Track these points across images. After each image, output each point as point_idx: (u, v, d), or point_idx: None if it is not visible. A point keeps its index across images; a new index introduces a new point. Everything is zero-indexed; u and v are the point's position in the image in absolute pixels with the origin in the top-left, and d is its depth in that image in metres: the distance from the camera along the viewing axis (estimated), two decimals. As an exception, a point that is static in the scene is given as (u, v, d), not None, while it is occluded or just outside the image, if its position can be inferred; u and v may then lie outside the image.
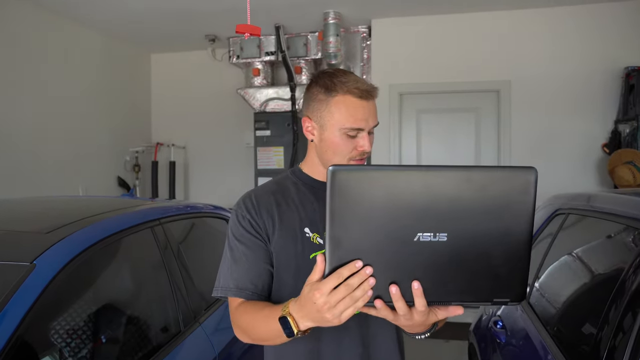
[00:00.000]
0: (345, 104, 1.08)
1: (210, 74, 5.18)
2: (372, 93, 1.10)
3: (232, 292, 1.10)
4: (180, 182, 5.35)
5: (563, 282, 1.80)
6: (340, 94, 1.09)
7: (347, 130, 1.08)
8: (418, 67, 4.31)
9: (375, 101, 1.12)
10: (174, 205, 2.15)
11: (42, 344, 1.19)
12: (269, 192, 1.16)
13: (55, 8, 3.93)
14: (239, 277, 1.10)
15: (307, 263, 1.09)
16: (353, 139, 1.09)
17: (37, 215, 1.71)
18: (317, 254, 1.07)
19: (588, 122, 4.04)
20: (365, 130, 1.09)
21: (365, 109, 1.09)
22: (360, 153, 1.10)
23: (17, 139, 3.70)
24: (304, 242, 1.10)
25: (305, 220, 1.12)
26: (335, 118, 1.09)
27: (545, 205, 2.24)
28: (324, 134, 1.12)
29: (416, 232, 0.77)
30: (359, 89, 1.08)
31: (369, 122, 1.10)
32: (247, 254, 1.10)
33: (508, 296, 0.82)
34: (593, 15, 4.01)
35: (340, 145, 1.10)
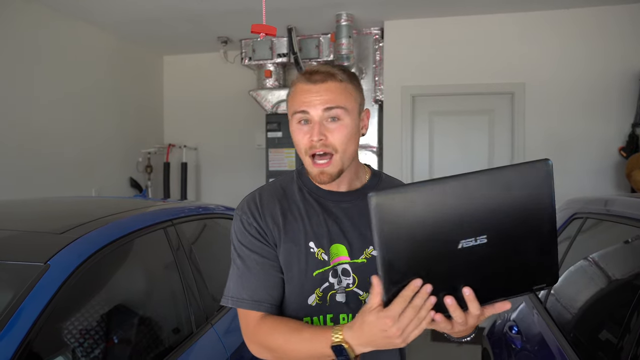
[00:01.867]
0: (294, 91, 1.04)
1: (222, 76, 5.20)
2: (323, 73, 1.01)
3: (248, 305, 1.03)
4: (192, 183, 5.37)
5: (581, 287, 1.77)
6: (294, 83, 1.05)
7: (297, 118, 1.02)
8: (430, 69, 4.28)
9: (331, 84, 1.00)
10: (186, 206, 2.15)
11: (55, 344, 1.19)
12: (274, 197, 1.09)
13: (69, 11, 3.97)
14: (253, 288, 1.03)
15: (310, 281, 1.04)
16: (307, 127, 1.02)
17: (51, 216, 1.72)
18: (320, 271, 1.04)
19: (604, 125, 3.98)
20: (313, 115, 1.00)
21: (312, 92, 1.00)
22: (311, 146, 1.00)
23: (32, 140, 3.73)
24: (308, 257, 1.04)
25: (310, 233, 1.06)
26: (289, 107, 1.06)
27: (562, 209, 2.21)
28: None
29: (459, 240, 0.79)
30: (308, 72, 1.03)
31: (316, 106, 0.99)
32: (260, 263, 1.04)
33: (544, 281, 0.86)
34: (609, 17, 3.96)
35: (295, 135, 1.04)
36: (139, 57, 5.07)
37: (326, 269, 1.05)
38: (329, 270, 1.05)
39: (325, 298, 1.04)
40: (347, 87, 1.03)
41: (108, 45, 4.59)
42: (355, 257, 1.07)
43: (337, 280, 1.05)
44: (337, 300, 1.05)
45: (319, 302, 1.04)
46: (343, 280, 1.05)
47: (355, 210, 1.09)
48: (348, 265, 1.06)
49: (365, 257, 1.08)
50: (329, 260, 1.05)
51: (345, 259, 1.06)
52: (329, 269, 1.05)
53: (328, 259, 1.05)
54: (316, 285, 1.04)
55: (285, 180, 1.15)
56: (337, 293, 1.05)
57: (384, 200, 0.79)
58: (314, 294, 1.04)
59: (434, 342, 3.86)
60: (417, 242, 0.80)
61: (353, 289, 1.06)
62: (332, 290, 1.05)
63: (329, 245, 1.06)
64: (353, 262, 1.06)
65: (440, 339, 3.85)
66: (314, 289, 1.04)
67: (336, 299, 1.05)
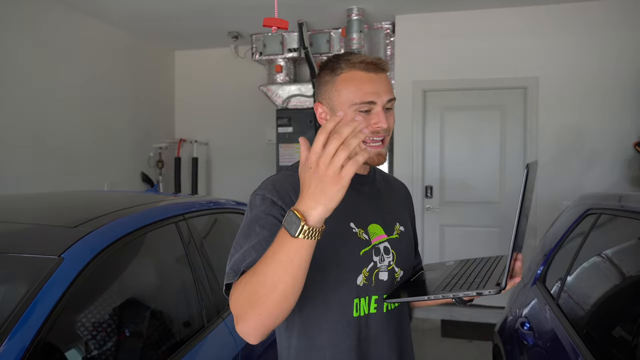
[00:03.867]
0: (351, 79, 1.02)
1: (233, 71, 5.20)
2: (380, 65, 1.03)
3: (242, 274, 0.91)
4: (203, 178, 5.40)
5: (594, 283, 1.75)
6: (345, 70, 1.03)
7: (358, 107, 1.01)
8: (442, 64, 4.25)
9: (386, 75, 1.05)
10: (197, 201, 2.16)
11: (69, 336, 1.21)
12: None
13: (83, 7, 3.99)
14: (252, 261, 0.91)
15: (358, 260, 1.04)
16: (367, 116, 1.02)
17: (64, 210, 1.73)
18: (366, 249, 1.05)
19: (619, 120, 3.92)
20: (379, 105, 1.02)
21: (375, 82, 1.02)
22: (374, 131, 1.02)
23: (45, 135, 3.78)
24: (352, 238, 1.04)
25: (348, 214, 1.04)
26: (344, 96, 1.03)
27: (575, 204, 2.18)
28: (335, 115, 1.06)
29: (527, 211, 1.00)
30: (364, 62, 1.03)
31: (382, 96, 1.02)
32: (268, 239, 0.91)
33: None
34: (623, 10, 3.89)
35: None
36: (151, 53, 5.10)
37: (369, 248, 1.06)
38: (371, 249, 1.07)
39: (371, 278, 1.06)
40: (389, 78, 1.09)
41: (120, 40, 4.62)
42: (390, 234, 1.11)
43: (380, 259, 1.07)
44: (380, 278, 1.07)
45: (366, 282, 1.05)
46: (385, 258, 1.08)
47: (374, 190, 1.15)
48: (387, 242, 1.09)
49: (397, 232, 1.12)
50: (370, 239, 1.07)
51: (383, 237, 1.09)
52: (372, 248, 1.07)
53: (369, 238, 1.07)
54: (363, 265, 1.05)
55: None
56: (380, 271, 1.07)
57: (532, 167, 0.91)
58: (361, 274, 1.05)
59: (444, 337, 3.85)
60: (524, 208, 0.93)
61: (393, 266, 1.09)
62: (376, 269, 1.07)
63: (367, 225, 1.08)
64: (390, 238, 1.10)
65: (451, 335, 3.84)
66: (361, 269, 1.05)
67: (379, 277, 1.07)
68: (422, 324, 4.12)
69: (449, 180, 4.34)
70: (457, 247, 4.27)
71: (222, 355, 1.68)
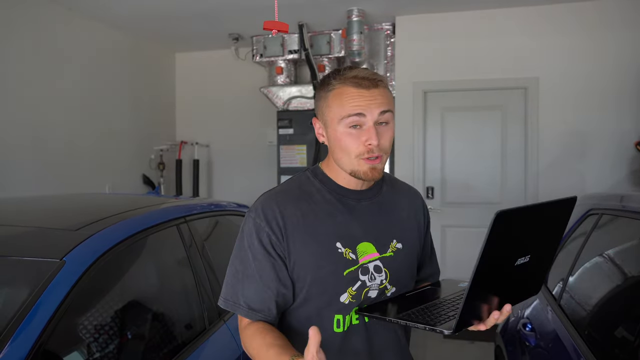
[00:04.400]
0: (341, 94, 1.02)
1: (234, 73, 5.21)
2: (373, 81, 1.02)
3: (243, 311, 1.05)
4: (204, 180, 5.40)
5: (596, 284, 1.74)
6: (337, 86, 1.03)
7: (347, 121, 1.01)
8: (443, 65, 4.25)
9: (382, 90, 1.03)
10: (199, 203, 2.17)
11: (71, 339, 1.21)
12: (294, 200, 1.07)
13: (84, 9, 4.00)
14: (251, 296, 1.04)
15: (342, 280, 1.04)
16: (358, 132, 1.01)
17: (66, 213, 1.74)
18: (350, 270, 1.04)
19: (620, 120, 3.92)
20: (369, 119, 1.01)
21: (365, 97, 1.00)
22: (368, 150, 1.01)
23: (46, 138, 3.78)
24: (336, 258, 1.04)
25: (335, 234, 1.05)
26: (334, 111, 1.03)
27: (577, 205, 2.17)
28: (328, 131, 1.07)
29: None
30: (356, 77, 1.02)
31: (372, 109, 1.00)
32: (261, 274, 1.03)
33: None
34: (623, 10, 3.89)
35: (344, 140, 1.02)
36: (152, 55, 5.11)
37: (355, 268, 1.05)
38: (358, 268, 1.05)
39: (359, 296, 1.05)
40: (390, 93, 1.07)
41: (121, 43, 4.62)
42: (383, 252, 1.09)
43: (369, 277, 1.06)
44: (369, 296, 1.06)
45: (352, 301, 1.05)
46: (376, 277, 1.07)
47: (375, 206, 1.12)
48: (379, 261, 1.08)
49: (392, 250, 1.10)
50: (357, 258, 1.06)
51: (374, 255, 1.08)
52: (358, 267, 1.05)
53: (356, 257, 1.06)
54: (348, 284, 1.04)
55: (300, 180, 1.13)
56: (370, 290, 1.06)
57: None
58: (346, 292, 1.05)
59: (446, 339, 3.85)
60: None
61: (386, 284, 1.08)
62: (365, 288, 1.06)
63: (356, 244, 1.07)
64: (382, 257, 1.08)
65: (452, 336, 3.83)
66: (346, 288, 1.05)
67: (368, 294, 1.06)
68: (424, 325, 4.11)
69: (450, 181, 4.34)
70: (459, 248, 4.27)
71: (224, 357, 1.68)
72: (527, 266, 0.91)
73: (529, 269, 0.93)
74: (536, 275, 1.00)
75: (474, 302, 0.86)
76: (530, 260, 0.91)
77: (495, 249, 0.82)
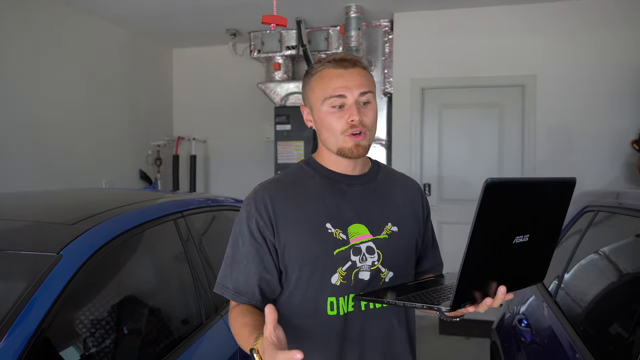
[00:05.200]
0: (322, 77, 1.09)
1: (231, 69, 5.20)
2: (351, 61, 1.08)
3: (230, 294, 1.11)
4: (201, 176, 5.39)
5: (591, 280, 1.75)
6: (318, 70, 1.10)
7: (330, 102, 1.07)
8: (440, 62, 4.25)
9: (361, 70, 1.09)
10: (196, 198, 2.17)
11: (68, 333, 1.21)
12: (285, 186, 1.12)
13: (80, 4, 3.98)
14: (238, 279, 1.10)
15: (331, 260, 1.06)
16: (340, 111, 1.07)
17: (63, 207, 1.73)
18: (341, 249, 1.06)
19: (617, 118, 3.93)
20: (349, 98, 1.06)
21: (345, 77, 1.07)
22: (351, 125, 1.06)
23: (44, 133, 3.77)
24: (326, 238, 1.06)
25: (325, 215, 1.08)
26: (316, 93, 1.09)
27: (573, 202, 2.18)
28: (314, 114, 1.12)
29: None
30: (334, 59, 1.08)
31: (352, 89, 1.06)
32: (248, 258, 1.09)
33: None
34: (621, 8, 3.90)
35: (328, 119, 1.08)
36: (149, 50, 5.09)
37: (346, 248, 1.07)
38: (349, 248, 1.07)
39: (349, 277, 1.07)
40: (369, 74, 1.12)
41: (118, 38, 4.61)
42: (377, 234, 1.10)
43: (360, 258, 1.07)
44: (360, 278, 1.07)
45: (343, 282, 1.06)
46: (368, 258, 1.08)
47: (369, 191, 1.14)
48: (372, 242, 1.09)
49: (387, 233, 1.11)
50: (348, 239, 1.07)
51: (367, 236, 1.09)
52: (349, 247, 1.07)
53: (347, 238, 1.07)
54: (338, 265, 1.06)
55: (292, 170, 1.17)
56: (360, 271, 1.07)
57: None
58: (336, 273, 1.06)
59: (442, 335, 3.86)
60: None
61: (378, 266, 1.09)
62: (355, 269, 1.07)
63: (347, 225, 1.08)
64: (376, 238, 1.10)
65: (448, 332, 3.85)
66: (336, 268, 1.06)
67: (359, 276, 1.07)
68: (419, 321, 4.12)
69: (447, 177, 4.35)
70: (456, 245, 4.25)
71: (221, 352, 1.68)
72: (527, 247, 0.91)
73: (529, 250, 0.92)
74: (539, 260, 1.00)
75: (472, 278, 0.85)
76: (529, 241, 0.90)
77: (489, 220, 0.82)
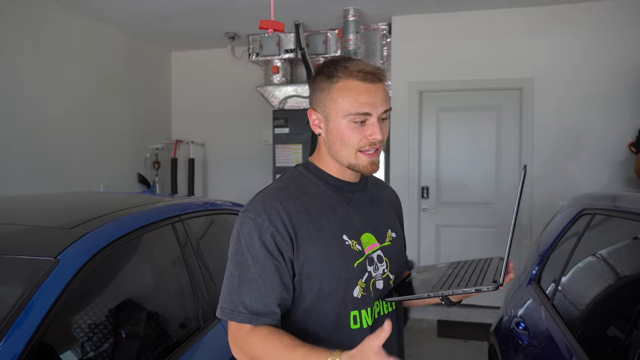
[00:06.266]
0: (348, 89, 1.01)
1: (230, 72, 5.20)
2: (378, 75, 1.02)
3: (245, 318, 0.98)
4: (199, 179, 5.39)
5: (589, 283, 1.76)
6: (342, 79, 1.01)
7: (353, 117, 1.01)
8: (438, 65, 4.26)
9: (383, 85, 1.04)
10: (194, 202, 2.17)
11: (65, 338, 1.21)
12: (294, 195, 1.04)
13: (80, 7, 3.99)
14: (252, 301, 0.98)
15: (352, 273, 1.03)
16: (361, 127, 1.02)
17: (60, 211, 1.73)
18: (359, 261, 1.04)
19: (614, 121, 3.94)
20: (374, 116, 1.01)
21: (372, 93, 1.01)
22: (370, 143, 1.02)
23: (41, 136, 3.77)
24: (345, 251, 1.03)
25: (340, 226, 1.04)
26: (339, 105, 1.02)
27: (570, 205, 2.19)
28: (329, 124, 1.04)
29: None
30: (362, 71, 1.01)
31: (377, 107, 1.01)
32: (264, 276, 0.98)
33: None
34: (619, 11, 3.91)
35: (347, 134, 1.02)
36: (147, 53, 5.09)
37: (363, 259, 1.06)
38: (365, 259, 1.06)
39: (368, 288, 1.06)
40: (386, 87, 1.08)
41: (116, 41, 4.61)
42: (382, 242, 1.11)
43: (374, 268, 1.07)
44: (377, 287, 1.07)
45: (364, 294, 1.05)
46: (379, 267, 1.08)
47: (367, 197, 1.14)
48: (380, 250, 1.10)
49: (389, 239, 1.13)
50: (363, 250, 1.07)
51: (376, 245, 1.09)
52: (365, 258, 1.06)
53: (362, 249, 1.06)
54: (358, 277, 1.04)
55: (293, 176, 1.11)
56: (376, 280, 1.07)
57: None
58: (357, 285, 1.04)
59: (440, 337, 3.86)
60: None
61: (388, 274, 1.10)
62: (372, 279, 1.07)
63: (359, 235, 1.07)
64: (383, 246, 1.10)
65: (446, 335, 3.85)
66: (357, 281, 1.04)
67: (376, 286, 1.07)
68: (418, 324, 4.13)
69: (445, 180, 4.36)
70: (454, 248, 4.28)
71: (219, 356, 1.68)
72: None
73: None
74: None
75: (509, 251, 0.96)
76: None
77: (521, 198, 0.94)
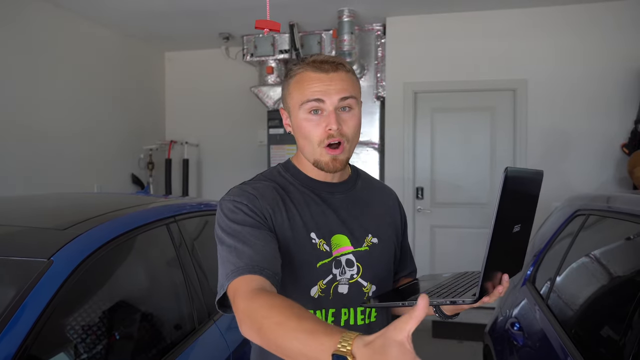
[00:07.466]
0: (302, 80, 1.00)
1: (224, 72, 5.19)
2: (332, 65, 0.99)
3: (242, 270, 0.87)
4: (193, 180, 5.37)
5: (583, 284, 1.77)
6: (298, 72, 1.02)
7: (307, 107, 0.99)
8: (433, 66, 4.27)
9: (345, 74, 1.00)
10: (188, 203, 2.16)
11: (59, 340, 1.20)
12: (269, 189, 1.04)
13: (72, 7, 3.96)
14: (250, 256, 0.90)
15: (314, 272, 1.01)
16: (319, 119, 0.99)
17: (54, 212, 1.72)
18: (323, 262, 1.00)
19: (607, 122, 3.97)
20: (328, 104, 0.98)
21: (324, 82, 0.98)
22: (328, 135, 0.99)
23: (34, 137, 3.74)
24: (310, 248, 1.01)
25: (310, 224, 1.02)
26: (295, 98, 1.01)
27: (564, 205, 2.21)
28: (291, 119, 1.04)
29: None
30: (315, 61, 1.00)
31: (332, 95, 0.98)
32: (255, 235, 0.94)
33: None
34: (612, 13, 3.94)
35: (305, 127, 1.00)
36: (141, 54, 5.07)
37: (329, 260, 1.03)
38: (331, 261, 1.03)
39: (328, 290, 1.02)
40: (354, 78, 1.04)
41: (110, 41, 4.59)
42: (358, 246, 1.06)
43: (340, 271, 1.03)
44: (340, 291, 1.03)
45: (321, 295, 1.01)
46: (347, 271, 1.03)
47: (349, 200, 1.10)
48: (352, 254, 1.05)
49: (367, 245, 1.07)
50: (331, 251, 1.03)
51: (348, 248, 1.05)
52: (332, 260, 1.03)
53: (330, 249, 1.03)
54: (319, 277, 1.02)
55: (272, 174, 1.10)
56: (339, 284, 1.03)
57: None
58: (316, 285, 1.01)
59: (435, 338, 3.87)
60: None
61: (357, 279, 1.04)
62: (335, 282, 1.03)
63: (330, 236, 1.04)
64: (357, 250, 1.05)
65: (441, 336, 3.85)
66: (317, 281, 1.01)
67: (338, 290, 1.03)
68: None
69: (439, 181, 4.37)
70: (448, 248, 4.29)
71: (213, 357, 1.67)
72: (517, 237, 0.88)
73: (517, 240, 0.90)
74: (520, 250, 0.98)
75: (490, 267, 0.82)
76: (520, 230, 0.88)
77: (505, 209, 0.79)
